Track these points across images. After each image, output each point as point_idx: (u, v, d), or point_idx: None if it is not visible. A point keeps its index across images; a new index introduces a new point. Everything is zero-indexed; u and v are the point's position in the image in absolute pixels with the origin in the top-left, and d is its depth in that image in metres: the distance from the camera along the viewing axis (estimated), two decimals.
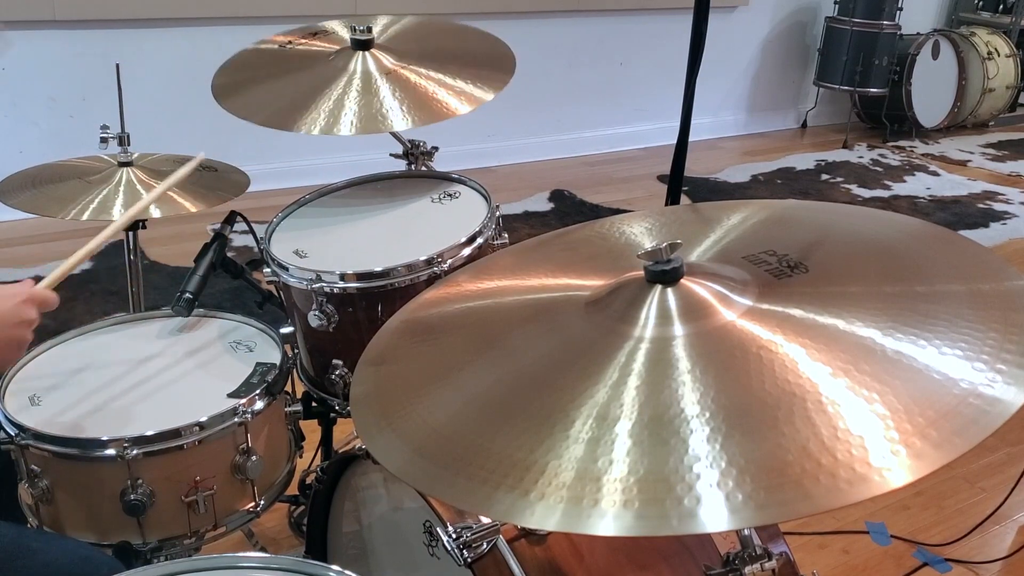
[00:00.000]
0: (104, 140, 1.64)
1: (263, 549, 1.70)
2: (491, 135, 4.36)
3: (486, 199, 1.57)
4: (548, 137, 4.56)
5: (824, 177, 4.54)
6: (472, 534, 0.97)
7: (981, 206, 4.22)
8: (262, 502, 1.35)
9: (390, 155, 1.76)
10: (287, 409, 1.40)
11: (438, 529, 1.00)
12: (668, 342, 0.80)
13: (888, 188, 4.42)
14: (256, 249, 1.53)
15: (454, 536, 0.97)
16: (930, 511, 2.05)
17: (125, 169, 1.61)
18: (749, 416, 0.70)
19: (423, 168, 1.73)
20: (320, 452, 1.76)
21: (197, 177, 1.66)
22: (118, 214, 1.53)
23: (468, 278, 1.08)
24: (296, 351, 1.49)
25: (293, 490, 1.60)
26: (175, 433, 1.22)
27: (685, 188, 2.35)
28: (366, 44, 1.61)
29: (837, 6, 4.98)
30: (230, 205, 1.60)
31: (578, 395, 0.76)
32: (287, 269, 1.42)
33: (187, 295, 1.44)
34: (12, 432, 1.21)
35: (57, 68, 3.38)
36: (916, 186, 4.47)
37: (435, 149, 1.74)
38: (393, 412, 0.84)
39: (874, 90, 4.96)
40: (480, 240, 1.45)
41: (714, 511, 0.63)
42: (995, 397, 0.67)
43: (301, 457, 1.51)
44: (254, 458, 1.29)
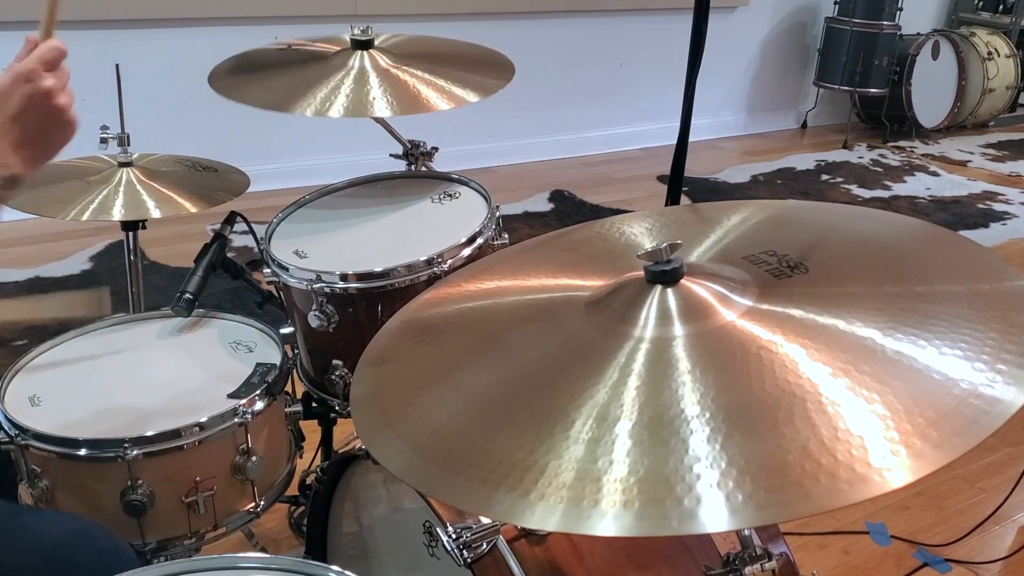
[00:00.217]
0: (104, 140, 1.63)
1: (263, 549, 1.70)
2: (491, 135, 4.36)
3: (486, 199, 1.57)
4: (548, 137, 4.56)
5: (824, 177, 4.54)
6: (472, 534, 0.97)
7: (981, 206, 4.22)
8: (262, 502, 1.35)
9: (390, 155, 1.76)
10: (287, 409, 1.40)
11: (438, 529, 1.00)
12: (668, 342, 0.80)
13: (888, 188, 4.42)
14: (256, 249, 1.53)
15: (454, 536, 0.97)
16: (930, 511, 2.05)
17: (125, 169, 1.61)
18: (749, 416, 0.70)
19: (423, 168, 1.73)
20: (320, 452, 1.76)
21: (197, 178, 1.66)
22: (118, 214, 1.53)
23: (468, 278, 1.08)
24: (296, 351, 1.49)
25: (293, 490, 1.60)
26: (175, 433, 1.22)
27: (685, 188, 2.35)
28: (365, 44, 1.61)
29: (837, 6, 4.98)
30: (230, 205, 1.60)
31: (578, 395, 0.76)
32: (287, 269, 1.42)
33: (187, 295, 1.44)
34: (12, 432, 1.21)
35: None
36: (916, 186, 4.47)
37: (435, 149, 1.74)
38: (393, 412, 0.84)
39: (874, 90, 4.96)
40: (480, 240, 1.45)
41: (714, 511, 0.63)
42: (995, 397, 0.67)
43: (301, 457, 1.51)
44: (254, 458, 1.29)
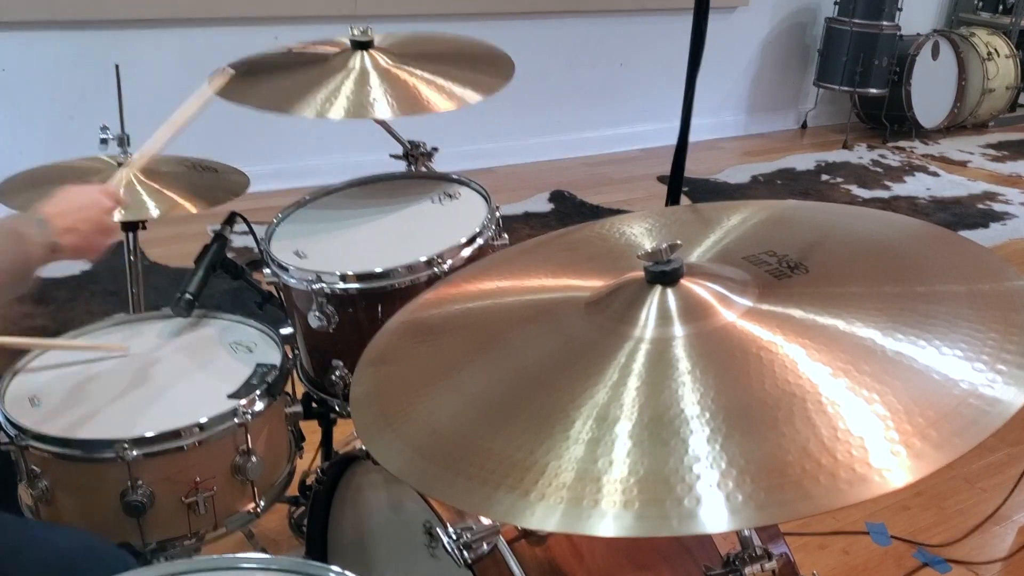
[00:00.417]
0: (104, 141, 1.64)
1: (263, 550, 1.70)
2: (491, 136, 4.36)
3: (486, 200, 1.57)
4: (548, 138, 4.56)
5: (824, 178, 4.54)
6: (472, 535, 0.97)
7: (981, 206, 4.22)
8: (262, 503, 1.35)
9: (390, 156, 1.76)
10: (287, 410, 1.40)
11: (438, 530, 1.00)
12: (668, 343, 0.80)
13: (888, 189, 4.42)
14: (256, 250, 1.53)
15: (454, 537, 0.97)
16: (930, 511, 2.05)
17: (124, 170, 1.61)
18: (749, 417, 0.70)
19: (423, 169, 1.73)
20: (320, 453, 1.76)
21: (197, 178, 1.66)
22: (118, 215, 1.52)
23: (468, 279, 1.08)
24: (296, 352, 1.49)
25: (293, 491, 1.60)
26: (175, 434, 1.22)
27: (685, 189, 2.35)
28: (365, 45, 1.61)
29: (837, 6, 4.98)
30: (230, 206, 1.60)
31: (578, 396, 0.76)
32: (287, 270, 1.42)
33: (187, 296, 1.44)
34: (12, 433, 1.21)
35: (57, 69, 3.38)
36: (916, 187, 4.47)
37: (435, 150, 1.74)
38: (393, 413, 0.84)
39: (874, 91, 4.96)
40: (480, 241, 1.45)
41: (714, 512, 0.63)
42: (995, 397, 0.67)
43: (301, 458, 1.51)
44: (254, 459, 1.29)
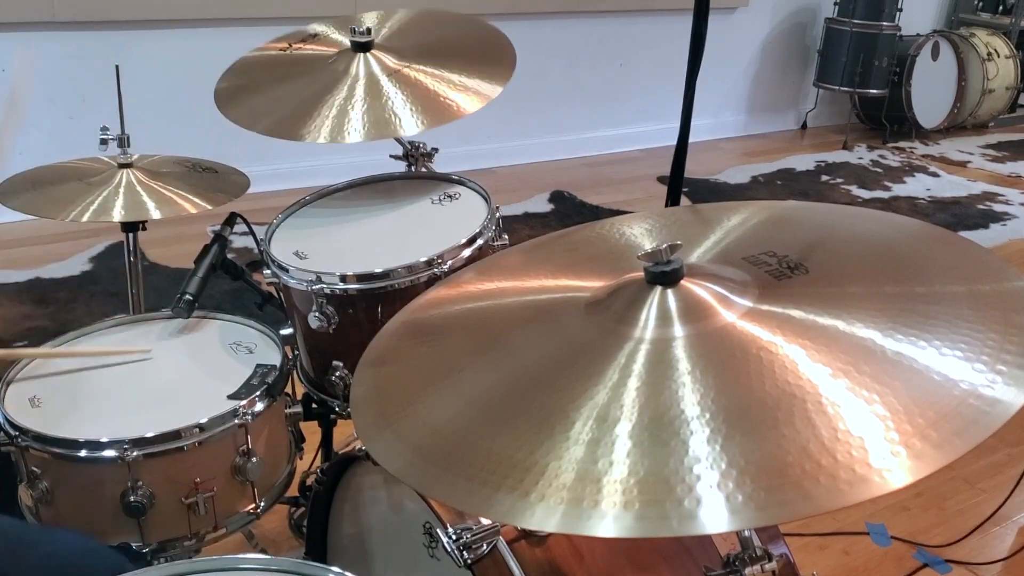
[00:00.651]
0: (104, 142, 1.64)
1: (263, 551, 1.70)
2: (491, 136, 4.36)
3: (486, 200, 1.57)
4: (548, 138, 4.56)
5: (824, 178, 4.54)
6: (472, 535, 0.97)
7: (981, 207, 4.22)
8: (262, 504, 1.35)
9: (390, 156, 1.76)
10: (287, 411, 1.40)
11: (438, 530, 1.00)
12: (668, 343, 0.80)
13: (888, 189, 4.42)
14: (256, 250, 1.53)
15: (454, 537, 0.97)
16: (930, 512, 2.05)
17: (125, 171, 1.61)
18: (749, 417, 0.70)
19: (423, 169, 1.73)
20: (320, 453, 1.76)
21: (197, 178, 1.66)
22: (118, 216, 1.53)
23: (468, 279, 1.08)
24: (296, 352, 1.49)
25: (293, 491, 1.60)
26: (175, 435, 1.22)
27: (685, 189, 2.35)
28: (366, 46, 1.61)
29: (837, 7, 4.98)
30: (230, 206, 1.60)
31: (578, 396, 0.76)
32: (287, 270, 1.42)
33: (187, 296, 1.44)
34: (12, 434, 1.21)
35: (57, 69, 3.38)
36: (916, 187, 4.47)
37: (435, 150, 1.74)
38: (393, 413, 0.84)
39: (874, 91, 4.96)
40: (480, 241, 1.45)
41: (714, 512, 0.63)
42: (995, 398, 0.67)
43: (301, 458, 1.51)
44: (254, 459, 1.29)
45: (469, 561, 0.97)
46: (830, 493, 0.62)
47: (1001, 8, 5.92)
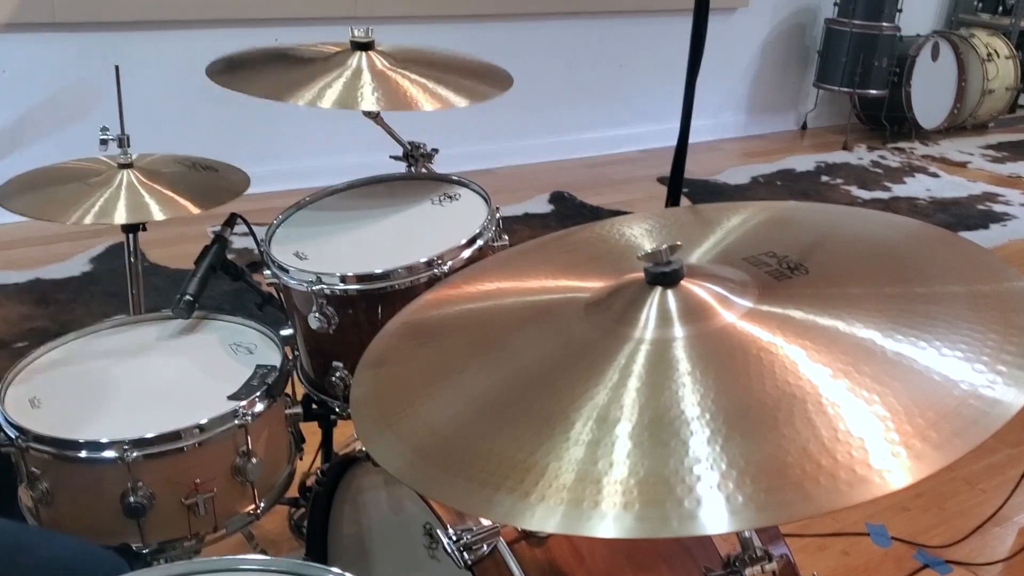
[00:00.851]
0: (104, 142, 1.63)
1: (263, 551, 1.70)
2: (491, 137, 4.36)
3: (486, 201, 1.57)
4: (548, 139, 4.56)
5: (824, 179, 4.54)
6: (472, 536, 0.97)
7: (981, 207, 4.22)
8: (262, 504, 1.35)
9: (390, 157, 1.76)
10: (287, 411, 1.40)
11: (438, 531, 1.00)
12: (668, 344, 0.80)
13: (888, 190, 4.42)
14: (256, 251, 1.53)
15: (454, 538, 0.97)
16: (930, 513, 2.05)
17: (125, 171, 1.61)
18: (749, 418, 0.70)
19: (423, 170, 1.73)
20: (320, 454, 1.76)
21: (198, 178, 1.66)
22: (121, 218, 1.52)
23: (468, 280, 1.08)
24: (296, 353, 1.49)
25: (293, 492, 1.60)
26: (175, 435, 1.22)
27: (685, 190, 2.35)
28: (366, 46, 1.61)
29: (837, 7, 4.98)
30: (230, 207, 1.60)
31: (578, 397, 0.76)
32: (287, 271, 1.42)
33: (187, 297, 1.44)
34: (12, 434, 1.21)
35: (57, 70, 3.38)
36: (916, 187, 4.47)
37: (435, 151, 1.74)
38: (393, 414, 0.84)
39: (874, 92, 4.96)
40: (480, 242, 1.45)
41: (714, 513, 0.63)
42: (995, 399, 0.67)
43: (301, 459, 1.51)
44: (254, 460, 1.29)
45: (469, 562, 0.97)
46: (830, 494, 0.62)
47: (1001, 8, 5.92)
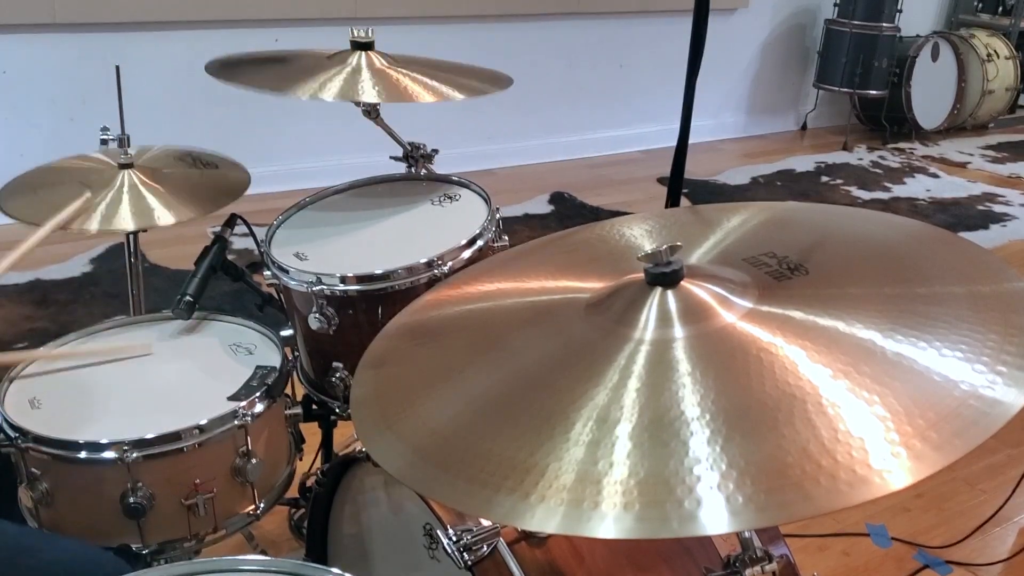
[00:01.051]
0: (104, 142, 1.63)
1: (263, 552, 1.70)
2: (491, 137, 4.36)
3: (486, 201, 1.57)
4: (548, 139, 4.56)
5: (824, 179, 4.54)
6: (472, 537, 0.97)
7: (981, 208, 4.22)
8: (262, 505, 1.35)
9: (390, 158, 1.76)
10: (287, 412, 1.40)
11: (438, 532, 1.00)
12: (668, 344, 0.80)
13: (888, 190, 4.42)
14: (256, 252, 1.53)
15: (454, 539, 0.97)
16: (931, 513, 2.05)
17: (126, 172, 1.61)
18: (749, 418, 0.70)
19: (423, 171, 1.73)
20: (320, 455, 1.76)
21: (198, 178, 1.66)
22: (126, 224, 1.52)
23: (468, 280, 1.08)
24: (296, 354, 1.49)
25: (293, 493, 1.60)
26: (175, 436, 1.22)
27: (685, 190, 2.35)
28: (366, 46, 1.61)
29: (837, 8, 4.98)
30: (230, 208, 1.60)
31: (578, 397, 0.76)
32: (287, 272, 1.42)
33: (187, 298, 1.44)
34: (12, 435, 1.21)
35: (57, 71, 3.38)
36: (916, 188, 4.47)
37: (435, 152, 1.74)
38: (393, 415, 0.84)
39: (874, 92, 4.96)
40: (480, 242, 1.45)
41: (714, 513, 0.63)
42: (995, 399, 0.67)
43: (301, 460, 1.50)
44: (254, 461, 1.29)
45: (469, 562, 0.97)
46: (830, 494, 0.62)
47: (1001, 9, 5.92)
